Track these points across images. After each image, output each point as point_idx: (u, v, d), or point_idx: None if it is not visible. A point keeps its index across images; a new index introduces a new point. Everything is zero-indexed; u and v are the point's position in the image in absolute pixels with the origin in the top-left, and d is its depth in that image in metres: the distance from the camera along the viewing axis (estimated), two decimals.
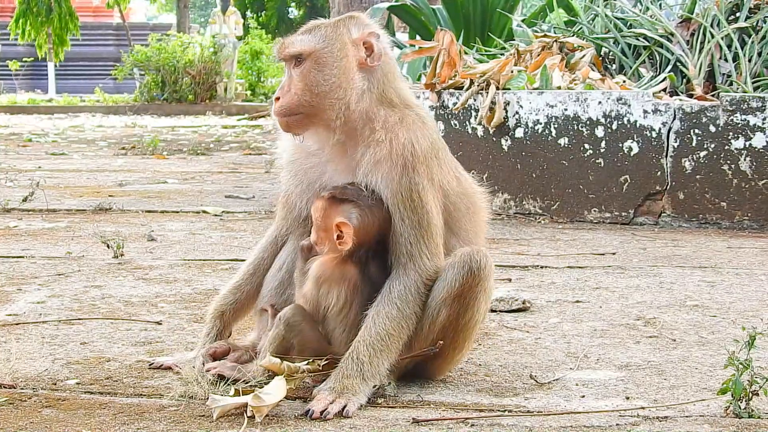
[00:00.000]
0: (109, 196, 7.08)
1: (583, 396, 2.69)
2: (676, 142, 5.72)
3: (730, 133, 5.62)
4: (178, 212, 6.33)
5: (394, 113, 2.67)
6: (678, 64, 6.40)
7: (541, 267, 4.60)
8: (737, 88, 6.11)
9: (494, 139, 6.20)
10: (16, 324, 3.43)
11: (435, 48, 6.61)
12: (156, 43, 23.37)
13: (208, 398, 2.53)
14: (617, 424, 2.45)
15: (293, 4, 42.52)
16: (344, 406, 2.48)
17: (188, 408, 2.54)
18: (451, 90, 6.45)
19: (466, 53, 6.88)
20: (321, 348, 2.66)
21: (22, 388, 2.71)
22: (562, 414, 2.53)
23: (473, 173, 2.93)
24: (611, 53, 6.86)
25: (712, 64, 6.36)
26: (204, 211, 6.34)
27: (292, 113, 2.65)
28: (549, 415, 2.52)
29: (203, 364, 2.76)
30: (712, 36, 6.36)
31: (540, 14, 9.26)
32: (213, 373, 2.71)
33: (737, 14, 6.66)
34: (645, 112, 5.76)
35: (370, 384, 2.58)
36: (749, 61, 6.32)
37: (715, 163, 5.66)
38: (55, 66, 29.71)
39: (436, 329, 2.66)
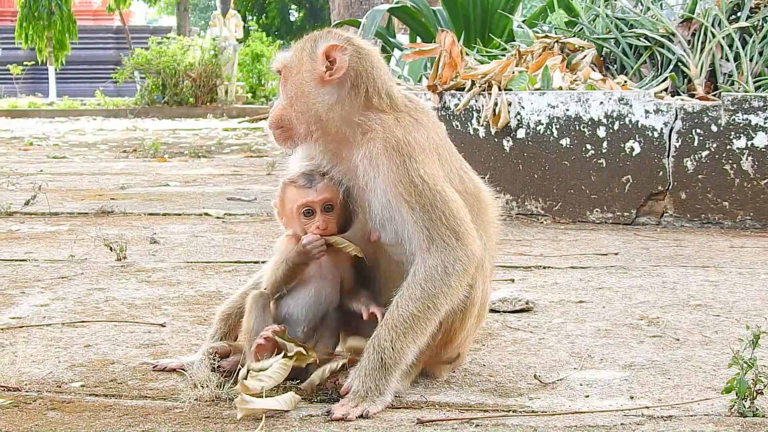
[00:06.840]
0: (111, 199, 7.09)
1: (588, 396, 2.69)
2: (677, 142, 5.72)
3: (732, 133, 5.62)
4: (180, 215, 6.34)
5: (386, 116, 2.66)
6: (679, 64, 6.40)
7: (544, 267, 4.60)
8: (739, 88, 6.11)
9: (496, 140, 6.20)
10: (20, 327, 3.43)
11: (435, 49, 6.62)
12: (156, 46, 23.41)
13: (213, 399, 2.55)
14: (622, 424, 2.45)
15: (294, 6, 42.53)
16: (366, 410, 2.48)
17: (194, 410, 2.54)
18: (453, 91, 6.45)
19: (466, 54, 6.88)
20: None
21: (26, 391, 2.72)
22: (567, 414, 2.53)
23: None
24: (612, 53, 6.86)
25: (714, 63, 6.36)
26: (206, 214, 6.34)
27: (277, 126, 2.73)
28: (553, 415, 2.52)
29: (208, 364, 2.78)
30: (713, 36, 6.36)
31: (541, 15, 9.27)
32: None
33: (738, 14, 6.66)
34: (647, 112, 5.77)
35: (395, 373, 2.56)
36: (750, 60, 6.32)
37: (717, 163, 5.66)
38: (56, 69, 29.75)
39: None
